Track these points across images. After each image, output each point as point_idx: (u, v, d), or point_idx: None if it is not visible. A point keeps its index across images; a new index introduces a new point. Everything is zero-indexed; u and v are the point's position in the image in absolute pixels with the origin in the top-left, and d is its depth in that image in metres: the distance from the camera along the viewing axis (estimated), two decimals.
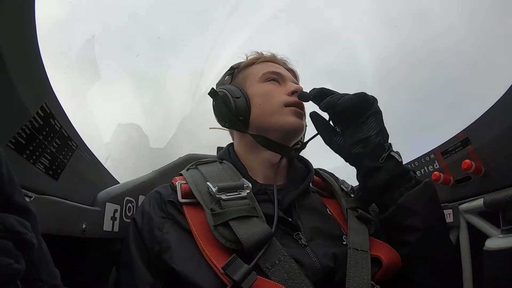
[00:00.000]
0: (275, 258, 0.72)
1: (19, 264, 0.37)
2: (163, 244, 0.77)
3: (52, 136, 0.73)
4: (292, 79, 1.03)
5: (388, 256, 0.79)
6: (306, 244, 0.79)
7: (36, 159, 0.68)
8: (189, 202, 0.83)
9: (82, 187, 0.89)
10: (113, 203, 0.96)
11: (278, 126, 0.93)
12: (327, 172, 1.05)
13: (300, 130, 0.96)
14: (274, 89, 0.97)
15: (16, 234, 0.37)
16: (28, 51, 0.67)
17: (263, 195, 0.87)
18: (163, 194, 0.87)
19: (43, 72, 0.72)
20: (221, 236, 0.73)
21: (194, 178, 0.88)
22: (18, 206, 0.41)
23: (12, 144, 0.61)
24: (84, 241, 0.83)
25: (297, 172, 0.98)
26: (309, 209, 0.89)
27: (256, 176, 0.94)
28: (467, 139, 1.09)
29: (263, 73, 1.00)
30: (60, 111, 0.77)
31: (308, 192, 0.94)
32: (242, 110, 0.95)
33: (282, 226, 0.81)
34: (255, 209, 0.79)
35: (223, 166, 0.94)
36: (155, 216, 0.83)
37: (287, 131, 0.94)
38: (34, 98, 0.68)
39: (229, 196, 0.79)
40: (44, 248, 0.47)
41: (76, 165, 0.84)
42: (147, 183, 1.21)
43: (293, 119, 0.93)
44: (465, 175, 1.10)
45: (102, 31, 2.67)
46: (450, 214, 1.14)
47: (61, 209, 0.73)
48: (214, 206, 0.78)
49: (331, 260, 0.76)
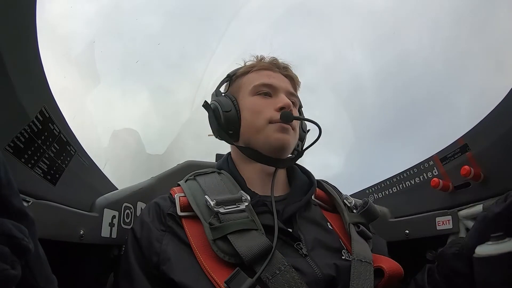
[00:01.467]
0: (275, 268, 0.71)
1: (15, 270, 0.36)
2: (162, 256, 0.77)
3: (51, 140, 0.73)
4: (286, 89, 1.00)
5: (389, 266, 0.79)
6: (307, 254, 0.78)
7: (34, 164, 0.68)
8: (188, 216, 0.82)
9: (80, 192, 0.89)
10: (111, 209, 0.95)
11: (263, 143, 0.93)
12: (329, 185, 1.04)
13: (286, 145, 0.93)
14: (262, 104, 0.95)
15: (12, 239, 0.37)
16: (28, 55, 0.67)
17: (262, 206, 0.86)
18: (162, 206, 0.86)
19: (42, 76, 0.72)
20: (220, 250, 0.73)
21: (193, 190, 0.87)
22: (16, 210, 0.40)
23: (10, 148, 0.61)
24: (82, 247, 0.82)
25: (300, 183, 0.98)
26: (310, 221, 0.88)
27: (255, 187, 0.93)
28: (466, 145, 1.09)
29: (254, 86, 0.97)
30: (59, 116, 0.77)
31: (309, 204, 0.94)
32: (232, 124, 0.95)
33: (283, 236, 0.80)
34: (254, 221, 0.78)
35: (222, 177, 0.93)
36: (155, 228, 0.82)
37: (273, 148, 0.93)
38: (33, 102, 0.67)
39: (227, 209, 0.79)
40: (41, 254, 0.47)
41: (75, 170, 0.84)
42: (146, 190, 1.21)
43: (277, 135, 0.92)
44: (464, 181, 1.10)
45: (102, 36, 2.68)
46: (449, 220, 1.14)
47: (58, 214, 0.73)
48: (213, 220, 0.78)
49: (332, 270, 0.76)
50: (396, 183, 1.43)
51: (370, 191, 1.58)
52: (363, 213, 0.93)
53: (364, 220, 0.92)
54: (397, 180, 1.42)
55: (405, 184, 1.38)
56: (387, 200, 1.47)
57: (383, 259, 0.82)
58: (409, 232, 1.27)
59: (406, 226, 1.28)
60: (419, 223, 1.25)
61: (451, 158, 1.16)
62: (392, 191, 1.46)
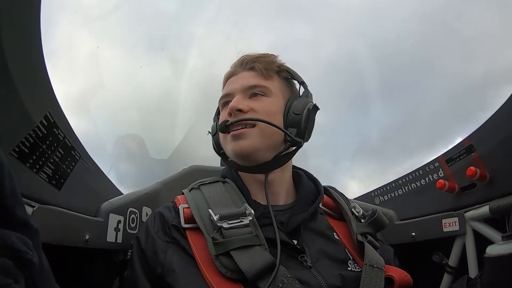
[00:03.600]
0: (278, 281, 0.70)
1: (18, 284, 0.36)
2: (167, 267, 0.76)
3: (56, 145, 0.73)
4: (242, 87, 0.92)
5: (399, 275, 0.78)
6: (311, 266, 0.77)
7: (39, 168, 0.68)
8: (192, 227, 0.81)
9: (85, 197, 0.89)
10: (116, 214, 0.95)
11: (230, 155, 0.93)
12: (337, 192, 1.01)
13: (244, 152, 0.87)
14: (222, 117, 0.94)
15: (16, 253, 0.36)
16: (33, 60, 0.68)
17: (266, 218, 0.84)
18: (167, 217, 0.85)
19: (47, 81, 0.72)
20: (223, 266, 0.72)
21: (197, 201, 0.86)
22: (20, 221, 0.40)
23: (15, 152, 0.61)
24: (87, 252, 0.82)
25: (306, 191, 0.95)
26: (315, 232, 0.87)
27: (258, 197, 0.90)
28: (472, 146, 1.08)
29: (220, 100, 0.98)
30: (63, 121, 0.78)
31: (316, 214, 0.91)
32: (218, 146, 0.98)
33: (287, 249, 0.79)
34: (257, 237, 0.77)
35: (226, 187, 0.91)
36: (159, 239, 0.81)
37: (237, 158, 0.90)
38: (38, 107, 0.68)
39: (231, 224, 0.78)
40: (45, 264, 0.46)
41: (80, 175, 0.84)
42: (151, 195, 1.21)
43: (230, 146, 0.89)
44: (470, 182, 1.09)
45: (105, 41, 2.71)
46: (456, 222, 1.13)
47: (64, 219, 0.73)
48: (216, 234, 0.76)
49: (338, 280, 0.75)
50: (402, 185, 1.42)
51: (376, 194, 1.57)
52: (371, 223, 0.90)
53: (372, 230, 0.90)
54: (403, 182, 1.42)
55: (410, 186, 1.38)
56: (393, 202, 1.46)
57: (392, 269, 0.81)
58: (415, 235, 1.26)
59: (413, 228, 1.27)
60: (425, 225, 1.24)
61: (456, 159, 1.15)
62: (398, 194, 1.45)
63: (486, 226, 1.05)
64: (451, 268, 1.17)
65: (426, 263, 1.20)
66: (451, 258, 1.17)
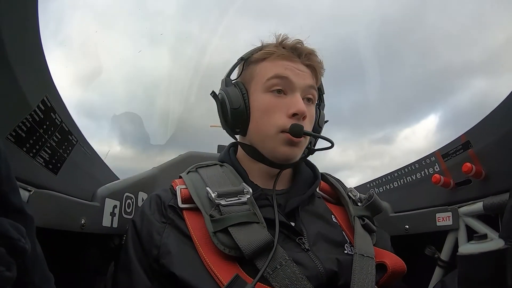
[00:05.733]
0: (276, 263, 0.71)
1: (10, 271, 0.36)
2: (162, 249, 0.76)
3: (53, 130, 0.73)
4: (304, 84, 0.87)
5: (393, 261, 0.79)
6: (309, 249, 0.78)
7: (36, 153, 0.68)
8: (189, 207, 0.81)
9: (82, 182, 0.89)
10: (112, 199, 0.96)
11: (269, 152, 0.87)
12: (334, 178, 1.02)
13: (292, 159, 0.88)
14: (275, 106, 0.86)
15: (9, 240, 0.36)
16: (30, 44, 0.67)
17: (264, 200, 0.85)
18: (163, 198, 0.85)
19: (44, 65, 0.71)
20: (220, 243, 0.72)
21: (194, 182, 0.85)
22: (14, 208, 0.40)
23: (12, 137, 0.61)
24: (83, 236, 0.83)
25: (304, 176, 0.96)
26: (313, 215, 0.87)
27: (257, 180, 0.90)
28: (468, 142, 1.09)
29: (267, 79, 0.87)
30: (61, 105, 0.77)
31: (313, 197, 0.92)
32: (239, 123, 0.89)
33: (285, 230, 0.80)
34: (255, 214, 0.77)
35: (224, 169, 0.91)
36: (155, 220, 0.81)
37: (278, 159, 0.87)
38: (35, 91, 0.67)
39: (228, 201, 0.78)
40: (38, 252, 0.46)
41: (76, 160, 0.84)
42: (147, 180, 1.21)
43: (284, 149, 0.85)
44: (465, 178, 1.10)
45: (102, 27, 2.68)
46: (450, 216, 1.14)
47: (60, 204, 0.73)
48: (214, 212, 0.76)
49: (334, 265, 0.75)
50: (397, 178, 1.43)
51: (371, 185, 1.58)
52: (368, 206, 0.91)
53: (369, 213, 0.91)
54: (398, 175, 1.42)
55: (406, 180, 1.39)
56: (388, 194, 1.48)
57: (386, 254, 0.82)
58: (409, 227, 1.27)
59: (406, 221, 1.29)
60: (419, 219, 1.25)
61: (453, 155, 1.16)
62: (393, 186, 1.46)
63: (479, 222, 1.06)
64: (443, 262, 1.18)
65: (418, 256, 1.21)
66: (443, 252, 1.19)
